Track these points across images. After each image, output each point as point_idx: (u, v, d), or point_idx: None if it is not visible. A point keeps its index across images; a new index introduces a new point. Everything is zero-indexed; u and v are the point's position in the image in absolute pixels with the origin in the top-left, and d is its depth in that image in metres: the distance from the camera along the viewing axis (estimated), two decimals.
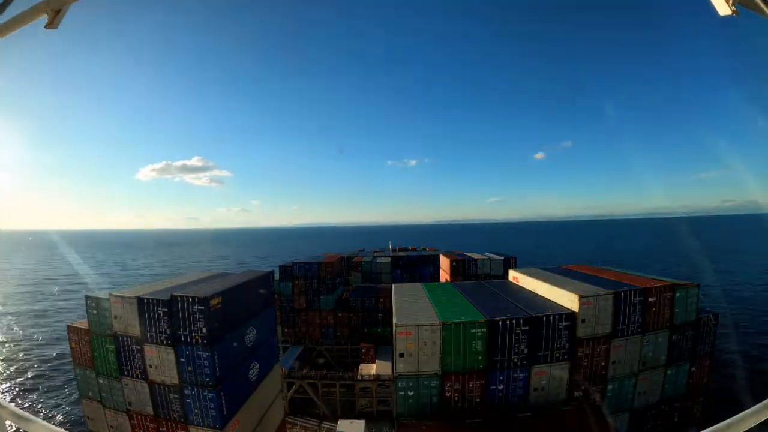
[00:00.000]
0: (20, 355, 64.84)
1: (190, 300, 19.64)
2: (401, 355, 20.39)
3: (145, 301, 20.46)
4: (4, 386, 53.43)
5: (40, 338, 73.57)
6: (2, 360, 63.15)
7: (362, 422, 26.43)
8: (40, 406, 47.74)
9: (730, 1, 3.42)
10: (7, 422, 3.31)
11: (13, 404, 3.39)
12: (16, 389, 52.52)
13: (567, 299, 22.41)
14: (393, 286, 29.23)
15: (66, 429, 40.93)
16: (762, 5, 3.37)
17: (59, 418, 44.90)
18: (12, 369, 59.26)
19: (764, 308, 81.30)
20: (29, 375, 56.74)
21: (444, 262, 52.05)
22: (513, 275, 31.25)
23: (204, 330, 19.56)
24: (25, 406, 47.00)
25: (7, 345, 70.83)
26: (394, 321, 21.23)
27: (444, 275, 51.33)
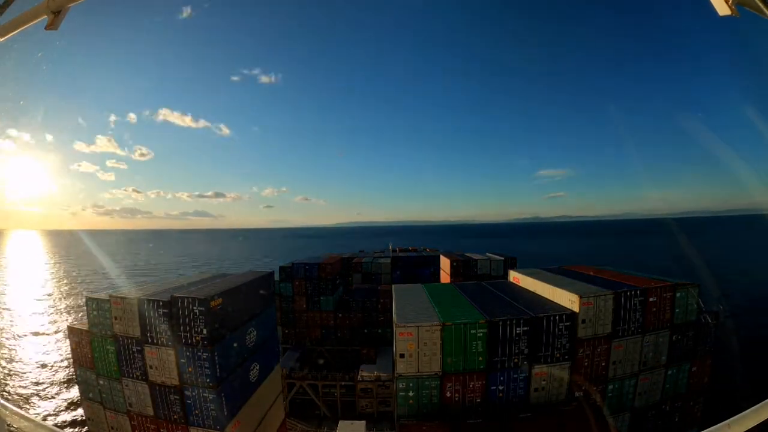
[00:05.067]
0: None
1: (191, 301, 19.67)
2: (401, 355, 20.38)
3: (146, 302, 20.49)
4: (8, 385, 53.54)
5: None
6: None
7: (363, 423, 26.39)
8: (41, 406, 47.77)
9: (730, 1, 3.42)
10: (8, 422, 3.31)
11: (13, 404, 3.38)
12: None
13: (567, 299, 22.40)
14: (393, 286, 29.22)
15: (66, 429, 41.00)
16: (762, 5, 3.37)
17: (60, 418, 44.92)
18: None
19: (764, 308, 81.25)
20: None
21: (444, 263, 52.07)
22: (513, 275, 31.24)
23: (204, 331, 19.58)
24: (25, 405, 47.02)
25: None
26: (394, 322, 21.23)
27: (444, 276, 51.33)
